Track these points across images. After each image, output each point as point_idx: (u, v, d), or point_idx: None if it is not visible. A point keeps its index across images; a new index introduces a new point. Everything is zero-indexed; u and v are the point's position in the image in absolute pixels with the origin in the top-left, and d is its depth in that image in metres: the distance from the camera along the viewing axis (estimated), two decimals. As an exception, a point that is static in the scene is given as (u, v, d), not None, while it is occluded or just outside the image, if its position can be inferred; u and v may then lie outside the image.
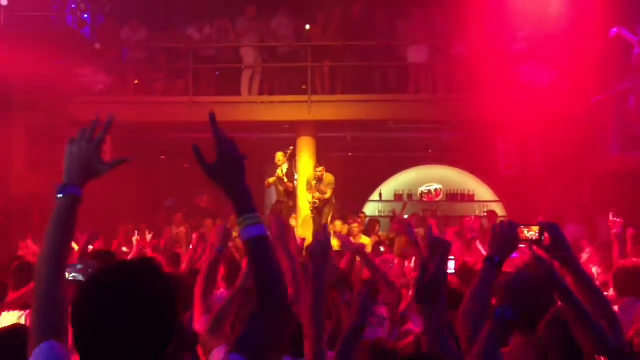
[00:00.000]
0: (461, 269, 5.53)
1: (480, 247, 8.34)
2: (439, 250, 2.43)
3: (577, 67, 11.57)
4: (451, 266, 5.70)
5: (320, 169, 12.15)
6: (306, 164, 12.79)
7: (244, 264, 3.96)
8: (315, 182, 12.09)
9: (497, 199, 15.36)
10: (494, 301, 2.63)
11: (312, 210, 12.23)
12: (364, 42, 12.98)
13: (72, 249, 5.41)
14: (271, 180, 12.57)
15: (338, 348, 2.73)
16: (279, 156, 12.31)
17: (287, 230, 3.89)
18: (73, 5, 14.43)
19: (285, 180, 12.26)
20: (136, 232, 8.43)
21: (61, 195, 2.08)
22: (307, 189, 12.29)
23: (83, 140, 2.19)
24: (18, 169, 12.69)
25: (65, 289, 1.97)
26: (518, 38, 12.41)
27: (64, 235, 2.02)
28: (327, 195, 12.05)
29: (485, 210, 14.49)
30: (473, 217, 11.95)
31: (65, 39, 13.62)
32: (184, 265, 6.07)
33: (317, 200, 12.03)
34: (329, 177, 12.13)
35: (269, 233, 2.06)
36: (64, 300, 1.92)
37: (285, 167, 12.28)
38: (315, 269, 2.62)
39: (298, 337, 2.75)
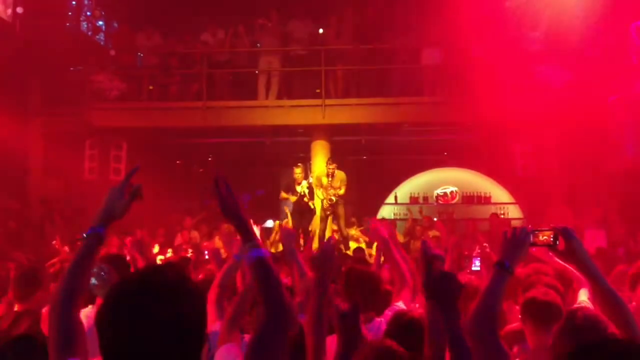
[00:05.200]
0: None
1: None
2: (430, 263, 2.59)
3: (593, 67, 11.49)
4: (476, 264, 5.68)
5: (333, 165, 11.99)
6: (321, 168, 12.76)
7: None
8: (327, 178, 11.94)
9: (513, 200, 15.27)
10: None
11: (325, 209, 12.06)
12: (378, 45, 12.96)
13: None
14: (292, 198, 12.30)
15: None
16: (297, 172, 12.15)
17: (295, 241, 4.07)
18: (88, 13, 14.58)
19: (306, 199, 12.10)
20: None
21: (86, 235, 2.28)
22: (318, 186, 12.16)
23: (115, 190, 2.39)
24: (35, 174, 12.80)
25: (79, 312, 2.12)
26: (533, 39, 12.34)
27: (84, 268, 2.22)
28: (341, 192, 11.88)
29: (502, 211, 14.43)
30: None
31: (80, 45, 13.74)
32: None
33: (332, 197, 11.87)
34: (340, 174, 11.96)
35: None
36: (80, 324, 2.08)
37: (305, 184, 12.08)
38: (318, 278, 2.69)
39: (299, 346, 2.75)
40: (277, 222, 12.74)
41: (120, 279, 1.71)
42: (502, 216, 14.06)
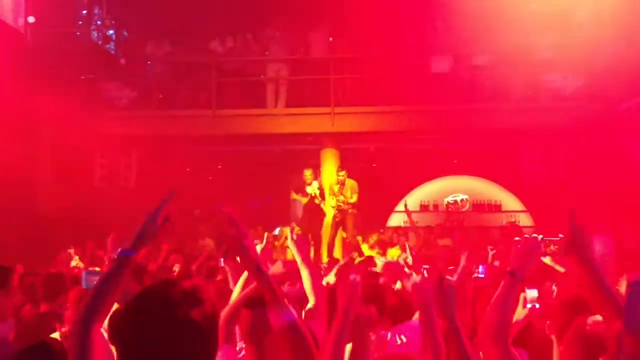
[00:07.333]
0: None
1: None
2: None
3: (604, 75, 11.44)
4: (480, 270, 5.70)
5: (343, 173, 12.05)
6: (330, 176, 12.77)
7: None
8: (337, 186, 12.00)
9: (524, 208, 15.21)
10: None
11: (335, 216, 12.09)
12: (387, 53, 12.94)
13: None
14: (304, 200, 12.40)
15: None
16: (307, 174, 12.22)
17: (309, 249, 4.01)
18: (98, 22, 14.65)
19: (317, 201, 12.16)
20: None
21: (116, 257, 2.31)
22: (330, 194, 12.21)
23: (150, 215, 2.46)
24: (45, 183, 12.82)
25: (99, 329, 2.13)
26: (542, 46, 12.30)
27: (110, 289, 2.21)
28: (353, 200, 11.92)
29: (513, 219, 14.36)
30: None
31: (90, 54, 13.80)
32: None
33: (341, 204, 11.91)
34: (351, 182, 12.04)
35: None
36: (101, 340, 2.09)
37: (315, 185, 12.13)
38: (343, 305, 2.67)
39: None
40: (287, 228, 12.76)
41: (139, 291, 1.80)
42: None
